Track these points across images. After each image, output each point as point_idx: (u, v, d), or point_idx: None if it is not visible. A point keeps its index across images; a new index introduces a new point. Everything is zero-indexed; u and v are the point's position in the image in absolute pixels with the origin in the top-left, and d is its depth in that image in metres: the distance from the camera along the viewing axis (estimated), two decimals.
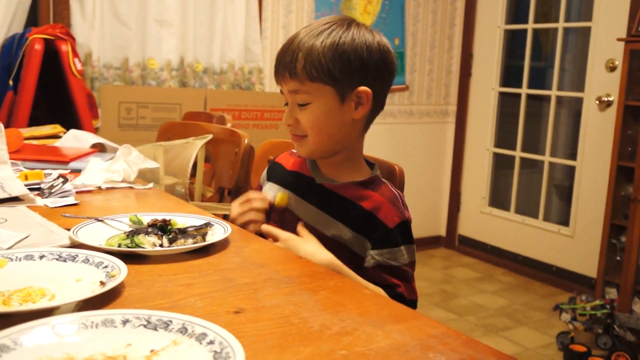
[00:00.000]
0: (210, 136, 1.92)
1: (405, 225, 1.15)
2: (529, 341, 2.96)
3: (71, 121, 2.60)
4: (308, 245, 1.10)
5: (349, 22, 1.14)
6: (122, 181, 1.49)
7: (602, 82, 3.40)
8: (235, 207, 1.26)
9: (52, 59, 2.63)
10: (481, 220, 4.21)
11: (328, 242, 1.14)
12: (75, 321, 0.67)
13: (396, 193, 1.18)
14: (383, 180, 1.21)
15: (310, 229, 1.18)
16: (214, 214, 1.29)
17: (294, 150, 1.33)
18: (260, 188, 1.36)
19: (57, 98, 2.79)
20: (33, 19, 3.05)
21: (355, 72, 1.12)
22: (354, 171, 1.20)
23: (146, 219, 1.13)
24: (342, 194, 1.18)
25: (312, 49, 1.11)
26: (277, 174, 1.30)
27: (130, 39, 3.14)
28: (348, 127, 1.16)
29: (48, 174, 1.51)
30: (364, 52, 1.11)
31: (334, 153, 1.20)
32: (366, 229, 1.14)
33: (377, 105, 1.18)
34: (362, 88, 1.13)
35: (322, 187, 1.20)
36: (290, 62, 1.12)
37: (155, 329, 0.67)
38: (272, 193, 1.27)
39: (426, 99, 4.28)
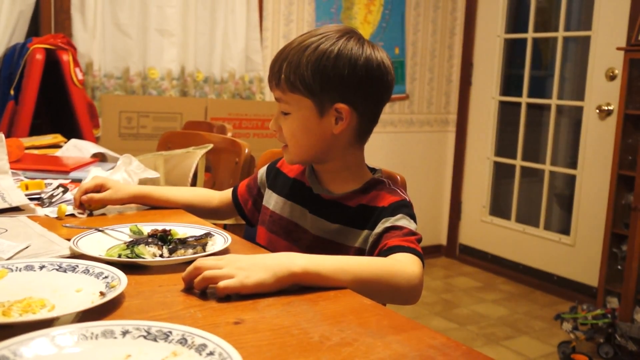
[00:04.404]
0: (210, 146, 1.93)
1: (402, 202, 1.12)
2: (530, 351, 2.95)
3: (72, 131, 2.60)
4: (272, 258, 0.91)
5: (341, 35, 1.12)
6: None
7: (602, 91, 3.41)
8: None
9: (53, 68, 2.64)
10: (482, 229, 4.20)
11: (328, 246, 1.14)
12: (75, 332, 0.67)
13: (398, 190, 1.16)
14: (383, 179, 1.19)
15: (309, 235, 1.18)
16: (214, 224, 1.30)
17: None
18: (255, 186, 1.36)
19: (58, 108, 2.80)
20: (34, 29, 3.06)
21: (335, 88, 1.10)
22: (352, 180, 1.19)
23: (146, 229, 1.13)
24: (339, 202, 1.18)
25: (296, 62, 1.11)
26: (280, 184, 1.29)
27: (131, 49, 3.15)
28: (328, 140, 1.14)
29: (49, 183, 1.52)
30: (345, 69, 1.09)
31: (319, 162, 1.20)
32: (363, 221, 1.13)
33: (365, 120, 1.15)
34: (341, 105, 1.11)
35: (319, 197, 1.20)
36: (277, 71, 1.14)
37: (155, 340, 0.67)
38: (272, 202, 1.27)
39: (426, 108, 4.28)
